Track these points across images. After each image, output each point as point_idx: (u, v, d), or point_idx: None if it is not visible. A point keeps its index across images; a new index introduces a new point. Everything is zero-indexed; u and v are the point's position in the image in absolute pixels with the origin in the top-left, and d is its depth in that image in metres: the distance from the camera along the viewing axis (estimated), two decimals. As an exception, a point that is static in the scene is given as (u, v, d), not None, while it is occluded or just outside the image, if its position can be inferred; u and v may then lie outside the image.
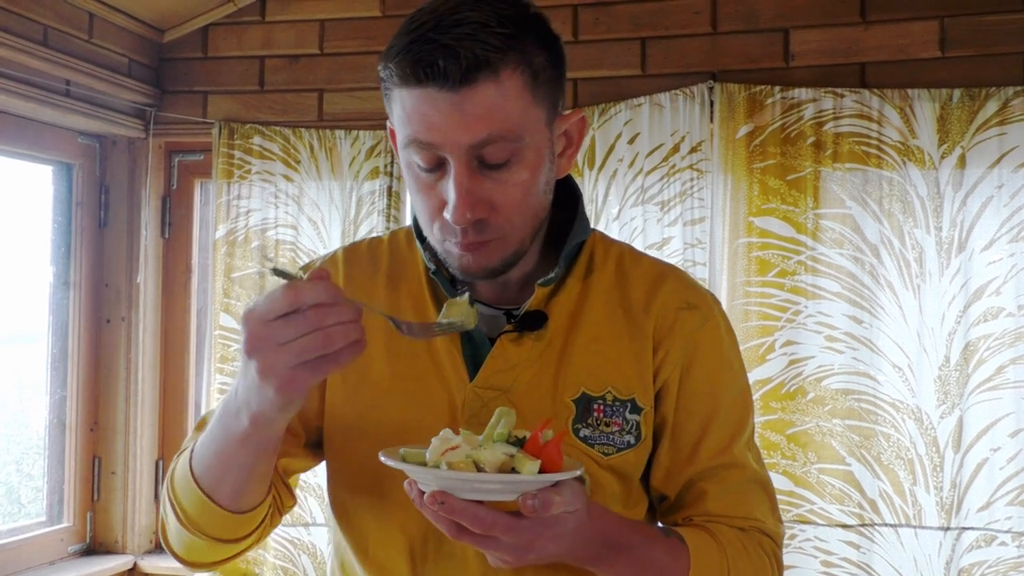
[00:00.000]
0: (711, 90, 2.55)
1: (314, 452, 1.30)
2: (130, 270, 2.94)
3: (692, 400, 1.24)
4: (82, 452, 2.90)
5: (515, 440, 1.01)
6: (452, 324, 1.09)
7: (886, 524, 2.42)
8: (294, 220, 2.82)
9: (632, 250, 1.32)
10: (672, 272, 1.30)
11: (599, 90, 2.67)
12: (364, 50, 2.84)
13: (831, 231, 2.46)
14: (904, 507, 2.40)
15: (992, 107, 2.37)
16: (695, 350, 1.24)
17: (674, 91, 2.57)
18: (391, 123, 1.17)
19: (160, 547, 2.83)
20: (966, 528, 2.37)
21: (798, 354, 2.47)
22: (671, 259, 2.52)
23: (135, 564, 2.89)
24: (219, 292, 2.84)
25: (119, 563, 2.85)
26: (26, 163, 2.81)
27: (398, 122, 1.13)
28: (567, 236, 1.24)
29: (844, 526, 2.44)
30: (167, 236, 3.02)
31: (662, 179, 2.56)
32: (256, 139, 2.84)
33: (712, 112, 2.55)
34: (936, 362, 2.39)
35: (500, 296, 1.24)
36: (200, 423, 1.29)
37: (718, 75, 2.58)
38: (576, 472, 1.00)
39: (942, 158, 2.40)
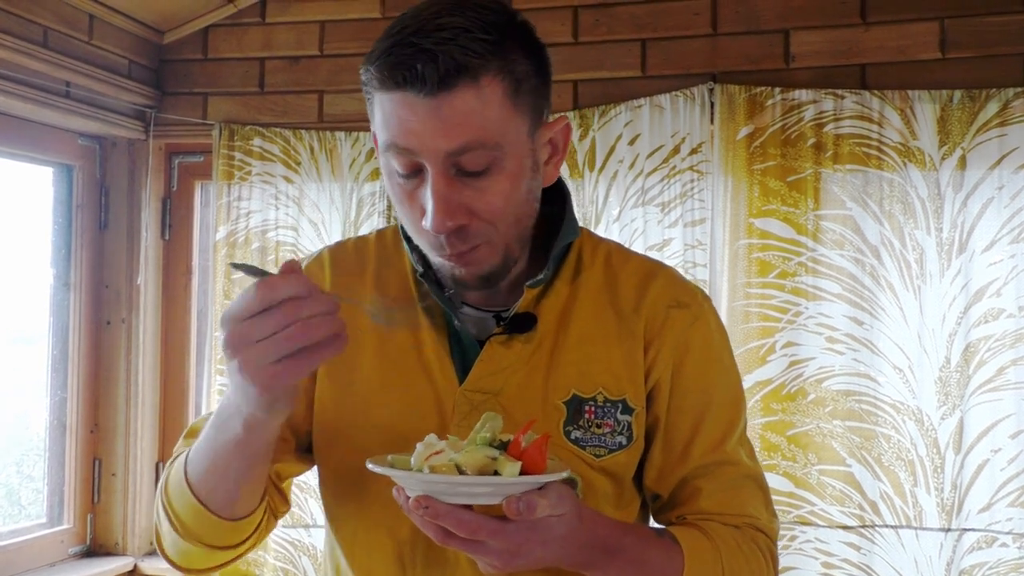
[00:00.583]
0: (711, 91, 2.54)
1: (306, 457, 1.30)
2: (130, 272, 2.94)
3: (684, 398, 1.23)
4: (82, 454, 2.90)
5: (500, 444, 1.00)
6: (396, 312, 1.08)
7: (887, 525, 2.41)
8: (294, 222, 2.82)
9: (620, 248, 1.31)
10: (661, 270, 1.29)
11: (599, 91, 2.66)
12: (364, 51, 2.75)
13: (832, 232, 2.46)
14: (905, 508, 2.40)
15: (993, 108, 2.37)
16: (686, 348, 1.23)
17: (674, 92, 2.57)
18: (373, 127, 1.16)
19: (160, 549, 2.83)
20: (967, 529, 2.36)
21: (799, 355, 2.46)
22: (671, 260, 2.52)
23: (135, 566, 2.89)
24: (219, 294, 2.84)
25: (119, 565, 2.85)
26: (26, 165, 2.81)
27: (378, 127, 1.12)
28: (555, 237, 1.22)
29: (845, 527, 2.43)
30: (167, 238, 3.02)
31: (662, 180, 2.56)
32: (256, 140, 2.84)
33: (712, 113, 2.54)
34: (937, 363, 2.38)
35: (489, 298, 1.23)
36: (189, 431, 1.28)
37: (718, 76, 2.57)
38: (562, 474, 0.99)
39: (943, 159, 2.40)
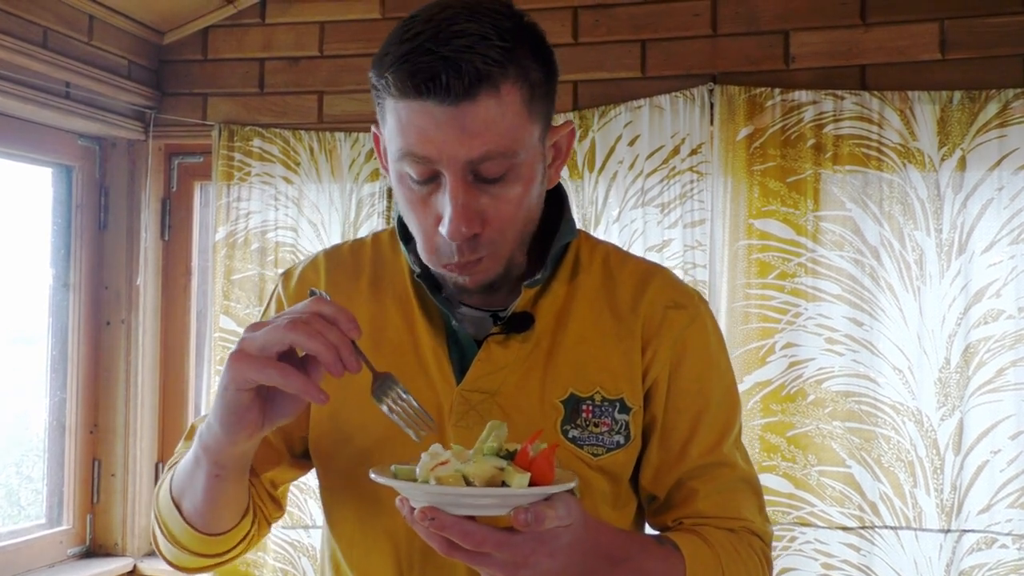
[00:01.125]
0: (711, 92, 2.54)
1: (301, 463, 1.31)
2: (130, 272, 2.94)
3: (681, 398, 1.23)
4: (82, 454, 2.90)
5: (506, 453, 0.98)
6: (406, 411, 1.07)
7: (886, 526, 2.41)
8: (294, 222, 2.82)
9: (618, 250, 1.32)
10: (659, 272, 1.29)
11: (599, 92, 2.66)
12: (364, 52, 2.84)
13: (831, 233, 2.46)
14: (904, 509, 2.39)
15: (992, 109, 2.37)
16: (683, 348, 1.24)
17: (674, 93, 2.57)
18: (380, 131, 1.15)
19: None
20: (966, 530, 2.36)
21: (798, 356, 2.46)
22: (671, 261, 2.52)
23: (135, 566, 2.89)
24: (219, 294, 2.84)
25: (119, 565, 2.85)
26: (26, 165, 2.81)
27: (391, 133, 1.10)
28: (553, 237, 1.23)
29: (844, 528, 2.43)
30: (167, 238, 3.02)
31: (662, 181, 2.56)
32: (256, 141, 2.84)
33: (712, 114, 2.54)
34: (936, 364, 2.38)
35: (486, 298, 1.22)
36: (190, 431, 1.30)
37: (718, 77, 2.57)
38: (570, 485, 0.98)
39: (942, 160, 2.40)
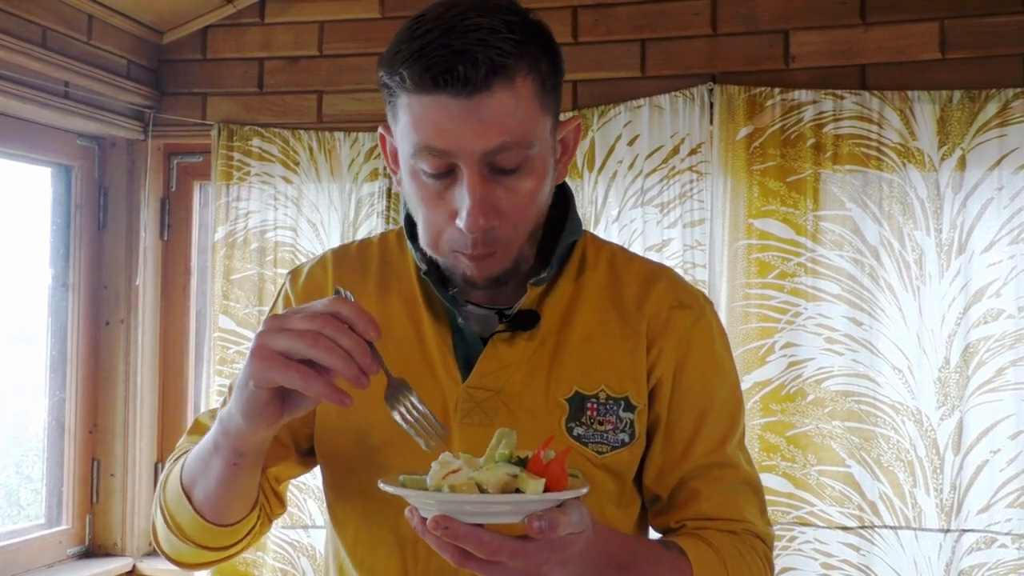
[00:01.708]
0: (711, 92, 2.54)
1: (306, 460, 1.31)
2: (129, 272, 2.94)
3: (686, 397, 1.23)
4: (81, 454, 2.89)
5: (517, 460, 0.97)
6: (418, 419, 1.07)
7: (886, 526, 2.41)
8: (293, 222, 2.82)
9: (623, 250, 1.33)
10: (664, 272, 1.30)
11: (599, 92, 2.66)
12: (363, 51, 2.84)
13: (831, 233, 2.46)
14: (904, 509, 2.40)
15: (992, 109, 2.37)
16: (688, 348, 1.24)
17: (674, 93, 2.57)
18: (390, 131, 1.16)
19: (159, 549, 2.83)
20: (966, 530, 2.36)
21: (798, 356, 2.46)
22: (671, 261, 2.52)
23: (134, 566, 2.89)
24: (218, 294, 2.84)
25: (118, 565, 2.85)
26: (25, 165, 2.81)
27: (405, 130, 1.10)
28: (559, 236, 1.23)
29: (844, 528, 2.43)
30: (166, 238, 3.01)
31: (662, 181, 2.56)
32: (255, 141, 2.84)
33: (712, 114, 2.54)
34: (936, 364, 2.38)
35: (492, 296, 1.23)
36: (194, 426, 1.30)
37: (718, 77, 2.57)
38: (583, 491, 0.97)
39: (942, 160, 2.40)
